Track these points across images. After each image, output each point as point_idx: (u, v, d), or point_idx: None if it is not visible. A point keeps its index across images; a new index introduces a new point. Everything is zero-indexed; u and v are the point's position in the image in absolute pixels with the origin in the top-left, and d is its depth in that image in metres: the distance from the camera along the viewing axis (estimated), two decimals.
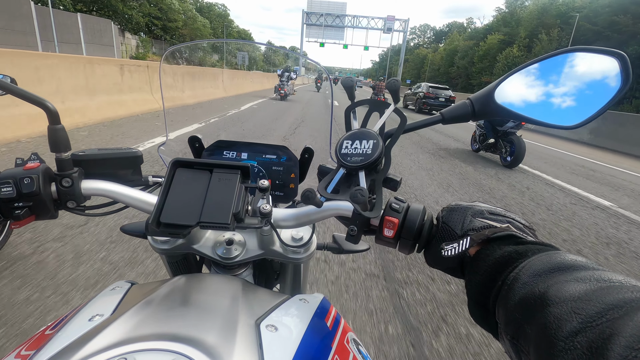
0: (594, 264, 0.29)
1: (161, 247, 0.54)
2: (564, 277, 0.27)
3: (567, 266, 0.29)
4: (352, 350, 0.44)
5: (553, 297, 0.26)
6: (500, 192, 4.37)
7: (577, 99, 0.40)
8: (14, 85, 0.40)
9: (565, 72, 0.41)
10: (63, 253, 1.98)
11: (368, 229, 0.45)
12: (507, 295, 0.30)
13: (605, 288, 0.25)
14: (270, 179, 0.62)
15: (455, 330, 1.70)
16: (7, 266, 1.81)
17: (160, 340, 0.32)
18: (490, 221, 0.38)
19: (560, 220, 3.55)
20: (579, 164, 7.39)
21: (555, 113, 0.42)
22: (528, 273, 0.30)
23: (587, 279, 0.26)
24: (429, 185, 4.33)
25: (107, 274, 1.83)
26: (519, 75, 0.44)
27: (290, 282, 0.64)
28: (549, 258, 0.30)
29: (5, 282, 1.69)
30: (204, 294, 0.44)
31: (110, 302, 0.41)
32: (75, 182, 0.45)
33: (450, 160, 6.07)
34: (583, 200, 4.41)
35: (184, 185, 0.42)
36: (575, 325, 0.23)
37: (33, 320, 1.48)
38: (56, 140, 0.44)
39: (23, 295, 1.61)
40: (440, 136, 8.99)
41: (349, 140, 0.43)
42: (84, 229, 2.26)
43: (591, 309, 0.23)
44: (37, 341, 0.36)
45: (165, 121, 0.75)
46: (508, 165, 5.99)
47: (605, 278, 0.26)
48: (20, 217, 0.42)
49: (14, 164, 0.45)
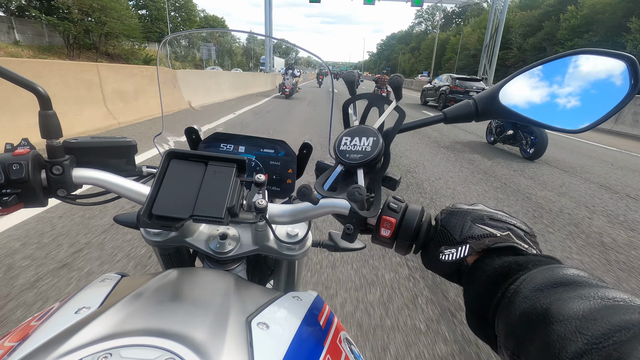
0: (597, 280, 0.28)
1: (154, 239, 0.53)
2: (567, 293, 0.27)
3: (569, 281, 0.28)
4: (345, 349, 0.44)
5: (556, 314, 0.25)
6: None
7: (583, 102, 0.39)
8: (3, 67, 0.39)
9: (571, 74, 0.40)
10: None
11: (365, 227, 0.44)
12: (507, 308, 0.29)
13: (610, 307, 0.24)
14: (267, 174, 0.62)
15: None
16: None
17: (147, 335, 0.31)
18: (490, 228, 0.37)
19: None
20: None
21: (560, 116, 0.41)
22: (529, 286, 0.29)
23: (591, 296, 0.26)
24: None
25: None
26: (524, 77, 0.43)
27: (284, 279, 0.63)
28: (551, 272, 0.30)
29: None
30: (196, 288, 0.43)
31: (98, 294, 0.40)
32: (66, 170, 0.44)
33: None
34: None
35: (178, 177, 0.41)
36: (581, 346, 0.22)
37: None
38: (47, 126, 0.43)
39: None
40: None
41: (348, 136, 0.42)
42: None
43: (596, 329, 0.22)
44: (22, 332, 0.35)
45: (162, 111, 0.74)
46: (529, 157, 5.80)
47: (610, 296, 0.25)
48: (8, 203, 0.41)
49: (4, 149, 0.43)
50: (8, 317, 1.49)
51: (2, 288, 1.66)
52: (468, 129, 8.75)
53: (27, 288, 1.67)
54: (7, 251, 1.97)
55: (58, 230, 2.25)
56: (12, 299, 1.59)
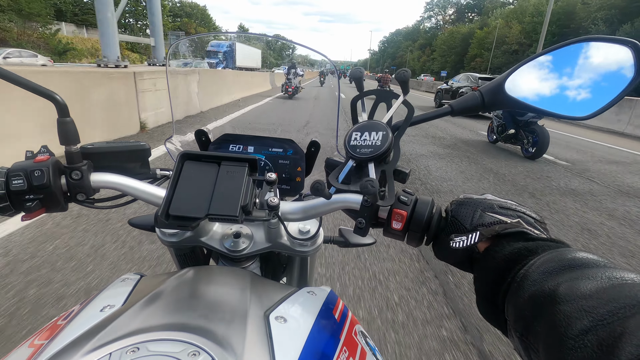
0: (607, 262, 0.28)
1: (169, 239, 0.55)
2: (575, 274, 0.27)
3: (578, 264, 0.28)
4: (360, 342, 0.44)
5: (563, 294, 0.25)
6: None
7: (589, 89, 0.40)
8: (21, 77, 0.40)
9: (577, 62, 0.41)
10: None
11: (376, 221, 0.45)
12: (516, 292, 0.30)
13: (617, 286, 0.24)
14: (276, 173, 0.63)
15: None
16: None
17: (171, 330, 0.32)
18: (500, 216, 0.38)
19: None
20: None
21: (567, 104, 0.41)
22: (538, 271, 0.29)
23: (598, 276, 0.26)
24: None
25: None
26: (529, 67, 0.44)
27: (297, 275, 0.64)
28: (560, 255, 0.30)
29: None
30: (213, 285, 0.44)
31: (120, 293, 0.41)
32: (84, 175, 0.46)
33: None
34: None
35: (192, 178, 0.42)
36: (586, 324, 0.23)
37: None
38: (66, 133, 0.44)
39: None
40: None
41: (358, 132, 0.42)
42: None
43: (603, 307, 0.23)
44: (50, 331, 0.36)
45: (172, 116, 0.75)
46: (530, 156, 5.71)
47: (618, 276, 0.25)
48: (31, 209, 0.43)
49: (24, 157, 0.45)
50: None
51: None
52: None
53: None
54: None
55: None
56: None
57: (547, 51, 0.42)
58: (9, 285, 1.73)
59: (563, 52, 0.41)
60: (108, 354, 0.29)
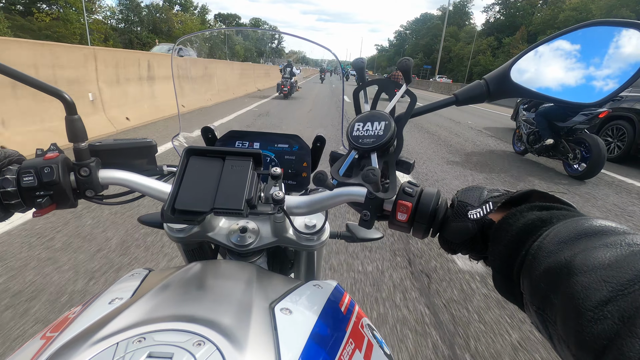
0: (625, 228, 0.27)
1: (177, 235, 0.56)
2: (592, 243, 0.26)
3: (595, 231, 0.27)
4: (367, 335, 0.44)
5: (580, 265, 0.24)
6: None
7: (598, 73, 0.39)
8: (29, 75, 0.41)
9: (585, 46, 0.40)
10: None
11: (381, 214, 0.44)
12: (531, 265, 0.29)
13: (637, 253, 0.23)
14: (282, 168, 0.63)
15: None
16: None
17: (177, 321, 0.32)
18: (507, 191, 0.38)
19: None
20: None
21: (575, 90, 0.40)
22: (553, 241, 0.28)
23: (617, 244, 0.24)
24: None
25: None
26: (535, 53, 0.43)
27: (304, 270, 0.65)
28: (575, 224, 0.28)
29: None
30: (219, 278, 0.44)
31: (129, 287, 0.42)
32: (92, 172, 0.47)
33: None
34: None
35: (198, 172, 0.42)
36: (605, 294, 0.21)
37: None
38: (74, 131, 0.45)
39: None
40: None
41: (360, 122, 0.42)
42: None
43: (622, 276, 0.21)
44: (61, 324, 0.37)
45: (178, 114, 0.76)
46: (579, 176, 4.23)
47: (638, 242, 0.24)
48: (42, 205, 0.44)
49: (35, 155, 0.46)
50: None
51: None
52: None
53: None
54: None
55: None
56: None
57: (553, 37, 0.41)
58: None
59: (570, 37, 0.40)
60: (115, 344, 0.29)
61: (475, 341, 1.57)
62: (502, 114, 12.54)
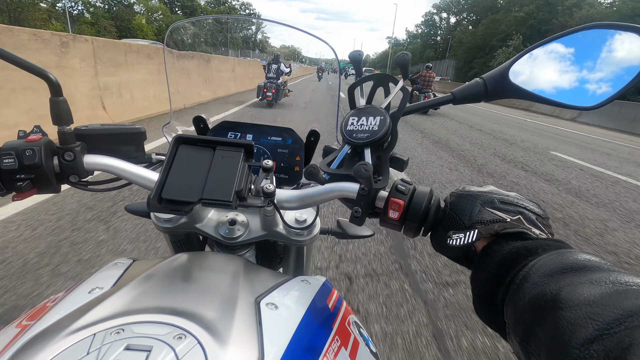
0: (609, 264, 0.27)
1: (164, 225, 0.54)
2: (577, 278, 0.26)
3: (580, 266, 0.27)
4: (354, 332, 0.44)
5: (566, 299, 0.24)
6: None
7: (596, 77, 0.38)
8: (13, 53, 0.40)
9: (583, 49, 0.39)
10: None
11: (373, 211, 0.44)
12: (516, 294, 0.29)
13: (622, 292, 0.23)
14: (275, 162, 0.62)
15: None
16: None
17: (158, 313, 0.31)
18: (500, 212, 0.36)
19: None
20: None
21: (573, 93, 0.40)
22: (539, 272, 0.28)
23: (602, 281, 0.25)
24: None
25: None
26: (534, 54, 0.42)
27: (293, 265, 0.64)
28: (561, 257, 0.29)
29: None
30: (205, 271, 0.43)
31: (110, 276, 0.41)
32: (77, 156, 0.45)
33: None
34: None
35: (187, 161, 0.41)
36: (591, 332, 0.21)
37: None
38: (58, 113, 0.44)
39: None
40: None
41: (355, 116, 0.41)
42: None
43: (608, 314, 0.22)
44: (38, 312, 0.36)
45: (170, 102, 0.74)
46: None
47: (622, 281, 0.24)
48: (22, 189, 0.42)
49: (17, 136, 0.44)
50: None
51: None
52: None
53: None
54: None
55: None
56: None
57: (553, 38, 0.41)
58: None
59: (569, 40, 0.40)
60: (92, 335, 0.28)
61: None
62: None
